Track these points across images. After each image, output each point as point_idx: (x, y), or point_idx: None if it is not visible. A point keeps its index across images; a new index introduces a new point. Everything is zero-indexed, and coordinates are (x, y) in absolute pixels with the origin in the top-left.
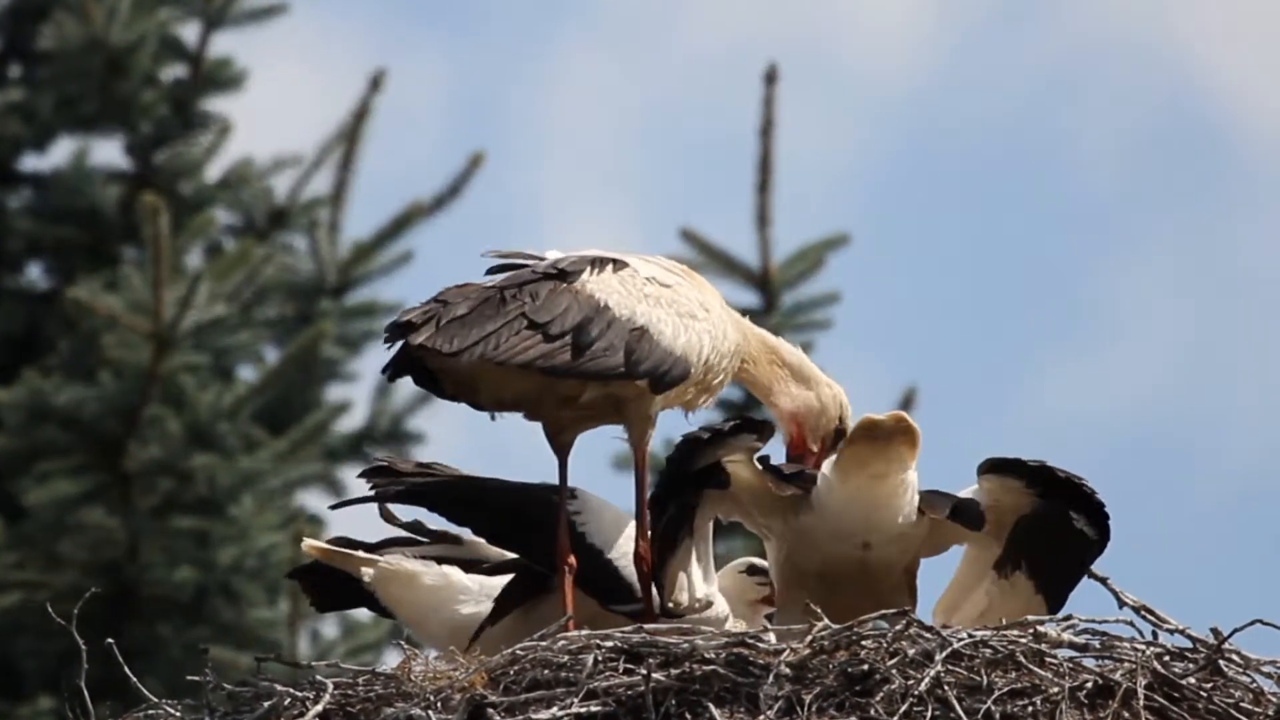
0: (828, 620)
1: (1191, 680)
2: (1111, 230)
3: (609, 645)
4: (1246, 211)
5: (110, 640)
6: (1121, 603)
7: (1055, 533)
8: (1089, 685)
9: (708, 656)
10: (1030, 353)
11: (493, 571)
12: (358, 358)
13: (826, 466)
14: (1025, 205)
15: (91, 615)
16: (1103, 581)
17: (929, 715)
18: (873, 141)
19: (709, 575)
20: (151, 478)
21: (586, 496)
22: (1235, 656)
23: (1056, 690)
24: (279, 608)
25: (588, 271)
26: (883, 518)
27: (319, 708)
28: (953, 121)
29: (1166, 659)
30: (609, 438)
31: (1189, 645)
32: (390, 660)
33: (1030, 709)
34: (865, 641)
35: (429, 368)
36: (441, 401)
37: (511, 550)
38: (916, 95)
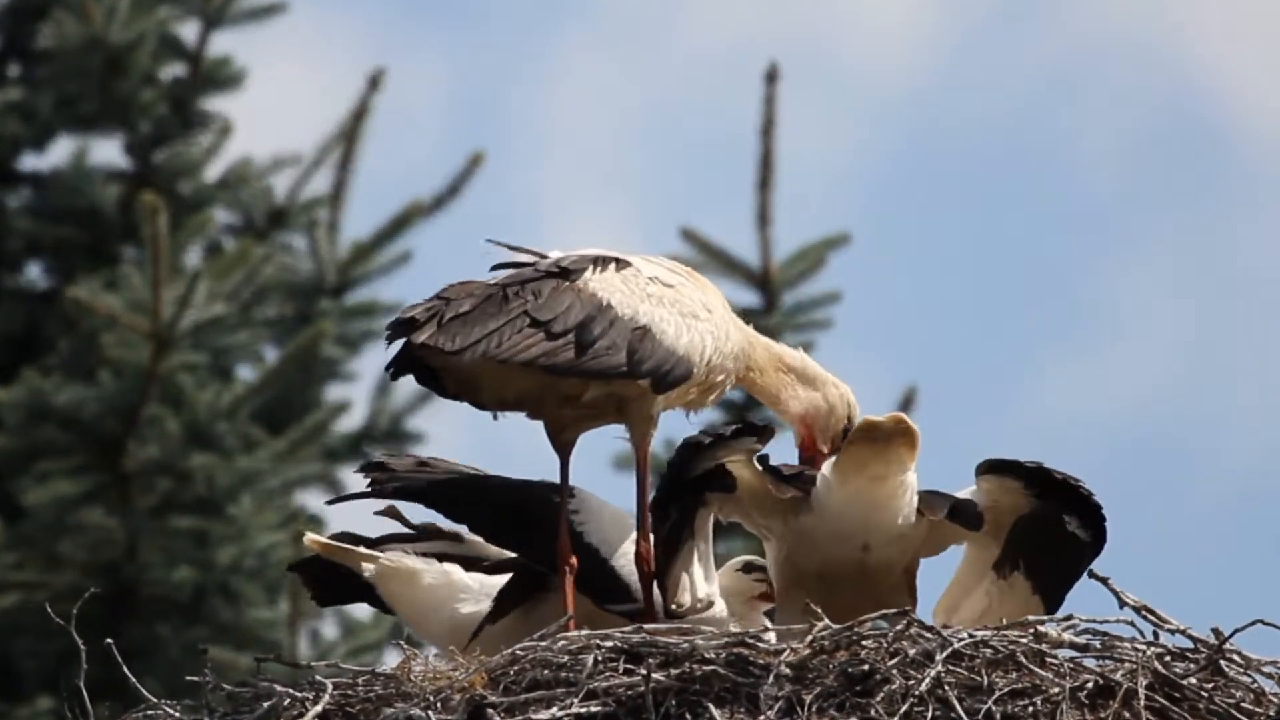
0: (828, 620)
1: (1192, 680)
2: (1111, 230)
3: (609, 645)
4: (1246, 211)
5: (109, 640)
6: (1122, 603)
7: (1053, 533)
8: (1090, 685)
9: (708, 657)
10: (1030, 353)
11: (493, 570)
12: (357, 357)
13: (826, 468)
14: (1025, 205)
15: (90, 615)
16: (1103, 581)
17: (929, 715)
18: (873, 141)
19: (710, 574)
20: (150, 477)
21: (585, 496)
22: (1236, 657)
23: (1057, 690)
24: (278, 607)
25: (590, 270)
26: (882, 519)
27: (318, 708)
28: (953, 121)
29: (1167, 659)
30: (610, 437)
31: (1190, 645)
32: (390, 660)
33: (1031, 709)
34: (866, 642)
35: (431, 366)
36: (441, 400)
37: (510, 549)
38: (916, 95)
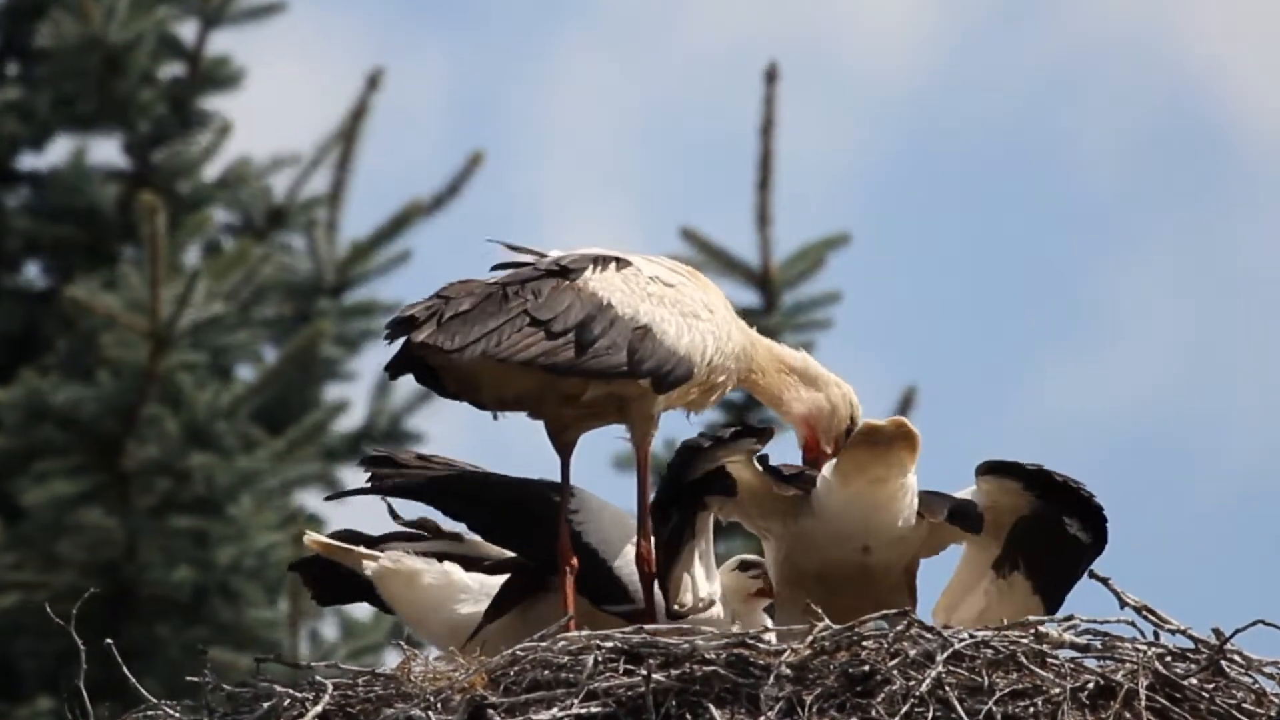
0: (828, 621)
1: (1193, 681)
2: (1111, 230)
3: (609, 646)
4: (1246, 211)
5: (109, 640)
6: (1123, 603)
7: (1053, 535)
8: (1090, 686)
9: (708, 657)
10: (1030, 353)
11: (493, 570)
12: (356, 357)
13: (827, 469)
14: (1025, 205)
15: (90, 615)
16: (1104, 582)
17: (930, 716)
18: (873, 141)
19: (711, 574)
20: (149, 477)
21: (585, 496)
22: (1237, 657)
23: (1058, 691)
24: (278, 607)
25: (591, 269)
26: (882, 521)
27: (318, 709)
28: (953, 121)
29: (1168, 659)
30: (610, 437)
31: (1191, 646)
32: (390, 661)
33: (1032, 710)
34: (866, 642)
35: (431, 365)
36: (441, 400)
37: (509, 548)
38: (916, 95)
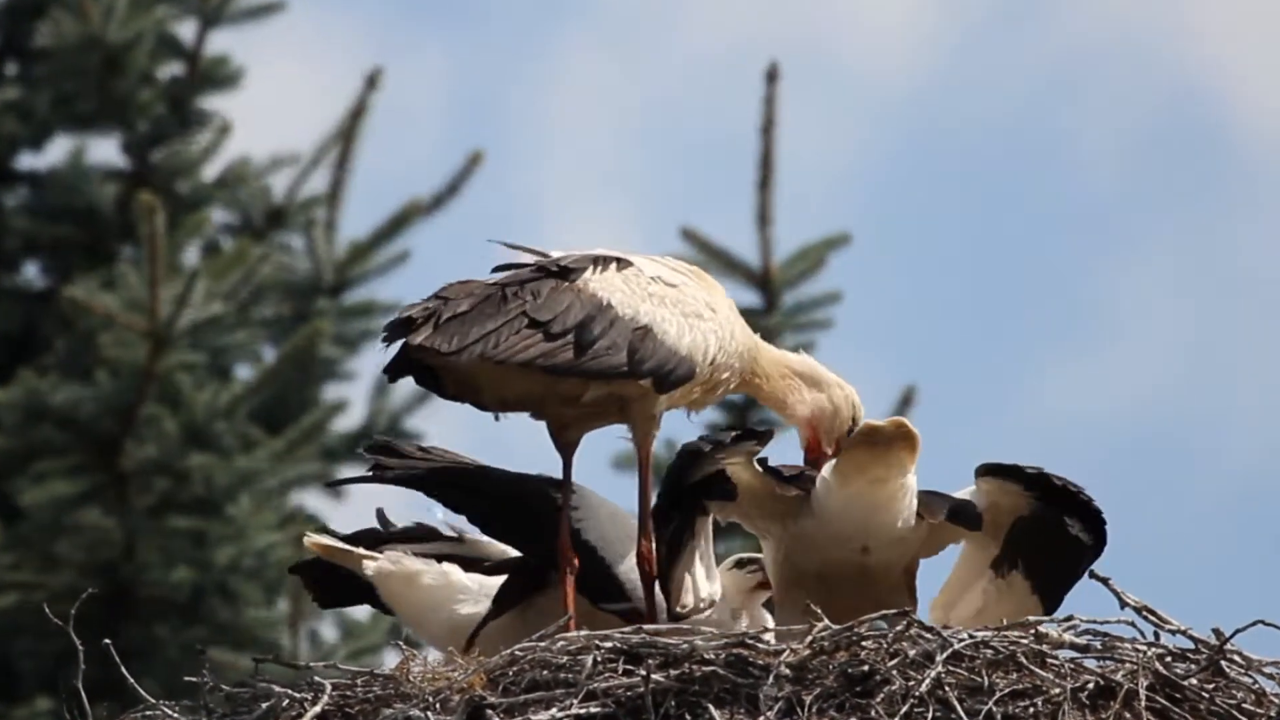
0: (828, 621)
1: (1193, 681)
2: (1111, 230)
3: (608, 646)
4: (1246, 211)
5: (107, 641)
6: (1123, 603)
7: (1053, 535)
8: (1090, 686)
9: (707, 657)
10: (1030, 353)
11: (493, 570)
12: (355, 357)
13: (826, 470)
14: (1025, 205)
15: (88, 616)
16: (1104, 582)
17: (930, 716)
18: (873, 141)
19: (711, 573)
20: (148, 477)
21: (585, 493)
22: (1237, 657)
23: (1058, 691)
24: (277, 608)
25: (590, 270)
26: (882, 522)
27: (317, 709)
28: (953, 121)
29: (1168, 660)
30: (611, 437)
31: (1191, 646)
32: (389, 661)
33: (1032, 710)
34: (865, 642)
35: (430, 366)
36: (439, 400)
37: (508, 542)
38: (916, 95)
